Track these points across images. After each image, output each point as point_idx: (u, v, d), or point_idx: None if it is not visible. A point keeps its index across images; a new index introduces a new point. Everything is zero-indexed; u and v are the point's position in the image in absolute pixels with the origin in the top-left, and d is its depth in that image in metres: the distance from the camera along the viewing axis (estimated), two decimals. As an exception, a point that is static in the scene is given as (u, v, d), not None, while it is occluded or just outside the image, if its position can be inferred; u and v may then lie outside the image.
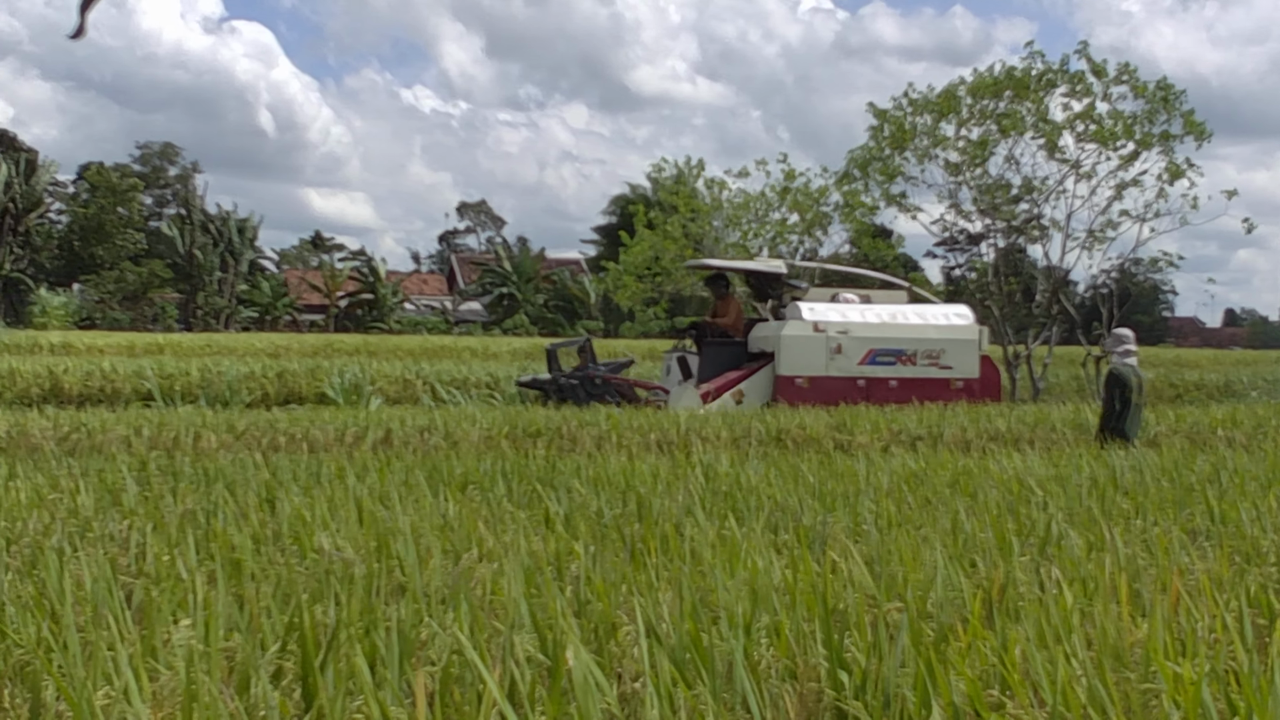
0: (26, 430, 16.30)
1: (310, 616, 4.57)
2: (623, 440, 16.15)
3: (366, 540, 6.94)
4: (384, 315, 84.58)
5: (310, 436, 15.80)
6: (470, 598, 5.23)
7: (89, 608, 5.04)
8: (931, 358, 21.74)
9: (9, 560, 6.48)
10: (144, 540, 6.95)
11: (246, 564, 6.16)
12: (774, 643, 4.58)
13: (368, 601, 5.26)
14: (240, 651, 4.49)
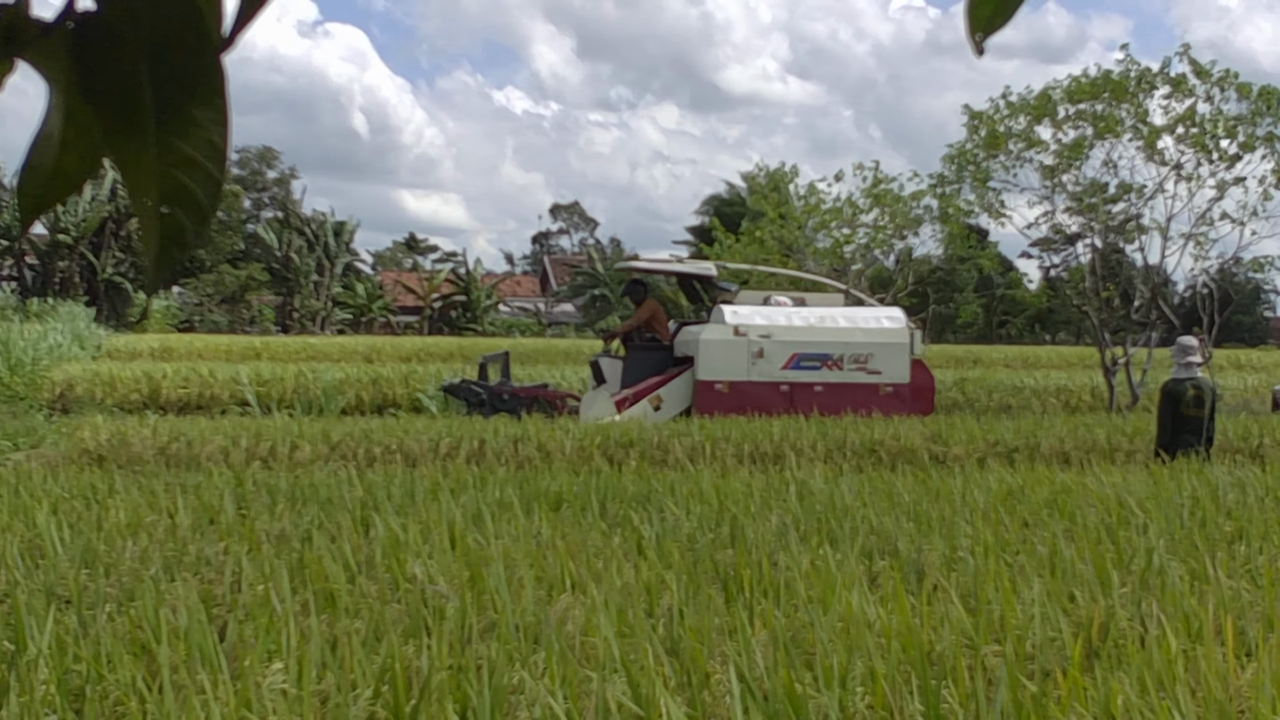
0: (127, 439, 16.53)
1: (401, 660, 4.56)
2: (716, 451, 16.09)
3: (459, 569, 6.93)
4: (478, 317, 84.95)
5: (405, 447, 15.88)
6: (561, 638, 5.20)
7: (183, 647, 5.07)
8: (859, 362, 20.91)
9: (108, 590, 6.54)
10: (239, 568, 6.99)
11: (340, 596, 6.17)
12: (869, 692, 4.51)
13: (460, 639, 5.26)
14: (332, 696, 4.49)
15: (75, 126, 1.04)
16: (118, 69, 1.02)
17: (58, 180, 1.06)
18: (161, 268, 1.06)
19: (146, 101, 1.02)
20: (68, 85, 1.04)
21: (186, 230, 1.05)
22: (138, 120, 1.03)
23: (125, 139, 1.04)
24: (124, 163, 1.04)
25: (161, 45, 1.01)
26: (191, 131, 1.03)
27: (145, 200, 1.03)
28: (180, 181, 1.03)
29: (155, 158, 1.02)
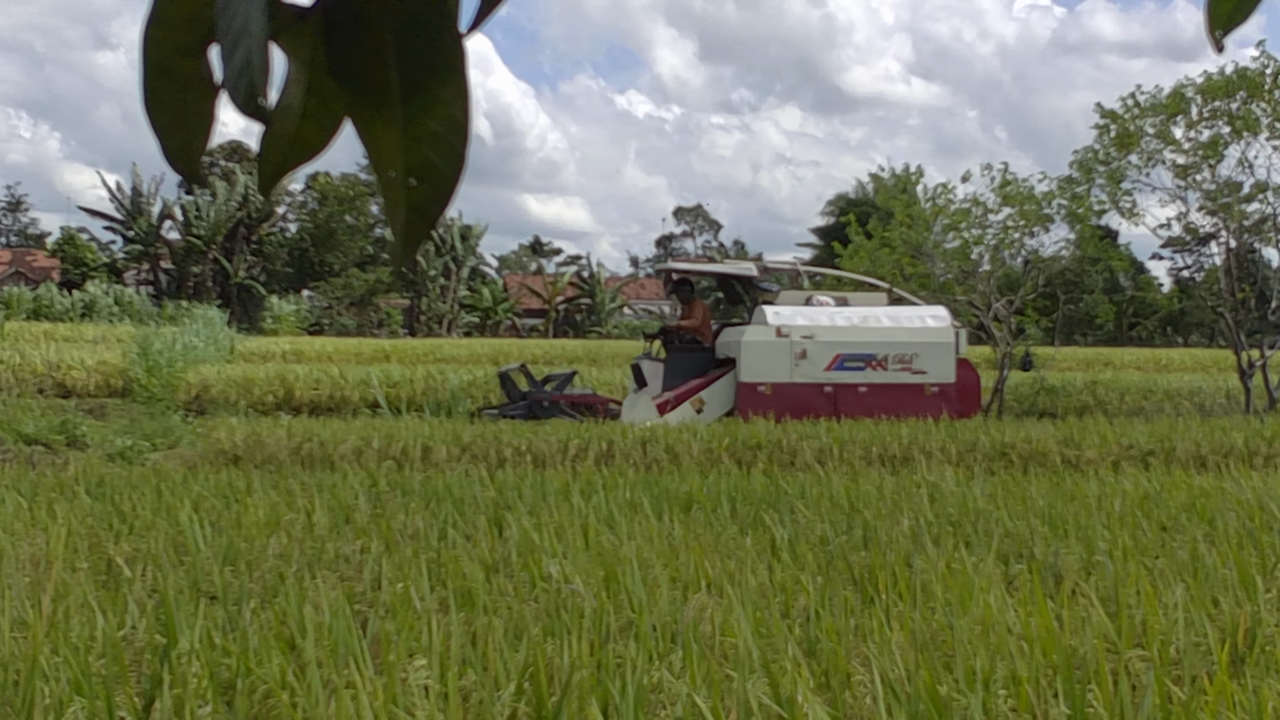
0: (262, 439, 16.80)
1: (543, 658, 4.60)
2: (844, 454, 16.02)
3: (594, 569, 6.97)
4: (602, 320, 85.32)
5: (535, 449, 15.98)
6: (699, 638, 5.22)
7: (328, 642, 5.15)
8: (904, 362, 20.44)
9: (251, 586, 6.67)
10: (378, 567, 7.10)
11: (478, 594, 6.24)
12: (1012, 695, 4.48)
13: (598, 638, 5.29)
14: (475, 692, 4.54)
15: (317, 98, 1.10)
16: (365, 49, 1.08)
17: (297, 147, 1.12)
18: (408, 241, 1.11)
19: (392, 79, 1.08)
20: (313, 62, 1.09)
21: (431, 203, 1.10)
22: (384, 97, 1.08)
23: (371, 114, 1.10)
24: (370, 137, 1.09)
25: (407, 26, 1.07)
26: (435, 108, 1.08)
27: (391, 173, 1.09)
28: (425, 156, 1.08)
29: (401, 133, 1.07)
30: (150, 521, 8.90)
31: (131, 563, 7.31)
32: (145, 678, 4.81)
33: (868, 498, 10.25)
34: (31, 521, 8.79)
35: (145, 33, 1.11)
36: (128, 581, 6.70)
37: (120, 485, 11.01)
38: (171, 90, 1.12)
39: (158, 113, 1.14)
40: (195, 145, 1.15)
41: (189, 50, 1.11)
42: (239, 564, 7.33)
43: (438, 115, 1.09)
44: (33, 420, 21.28)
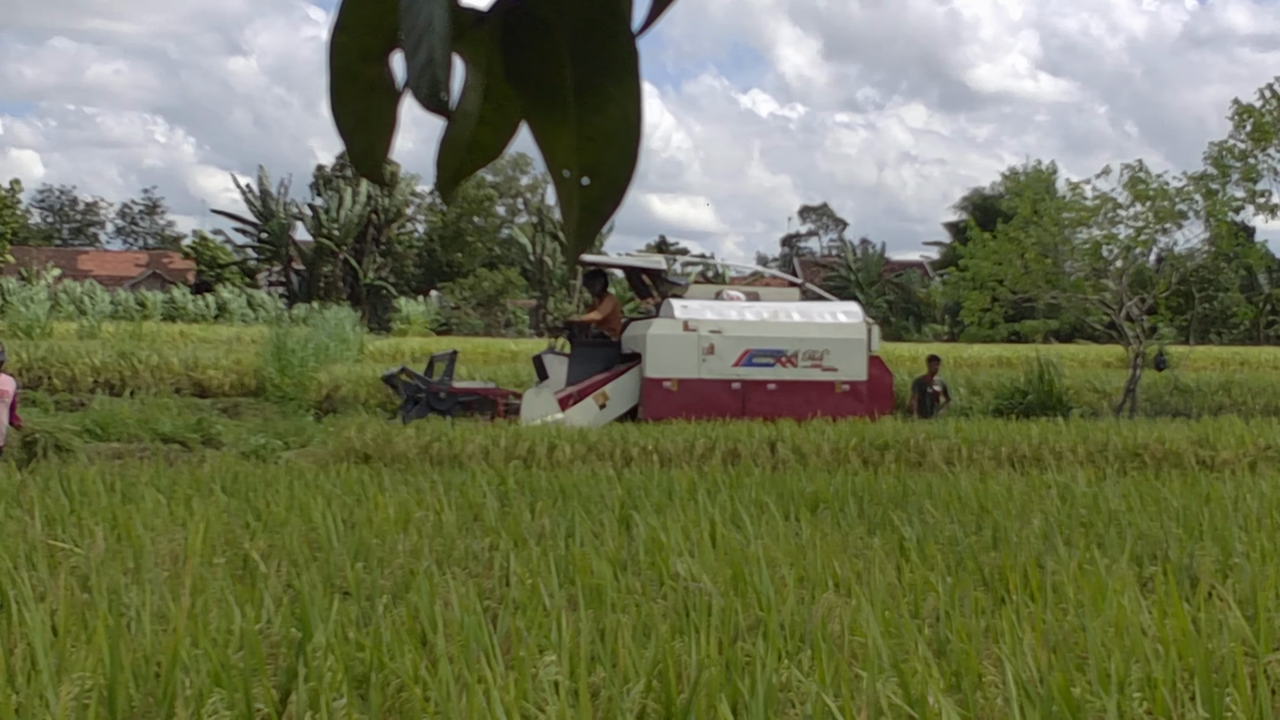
0: (391, 438, 17.02)
1: (672, 655, 4.62)
2: (973, 454, 15.88)
3: (721, 568, 6.98)
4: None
5: (661, 448, 16.02)
6: (828, 637, 5.20)
7: (459, 637, 5.21)
8: (814, 359, 19.82)
9: (382, 582, 6.76)
10: (507, 563, 7.16)
11: (607, 591, 6.27)
12: (1147, 697, 4.42)
13: (727, 636, 5.30)
14: (605, 689, 4.57)
15: (493, 103, 1.13)
16: (541, 52, 1.11)
17: (474, 152, 1.16)
18: (581, 238, 1.15)
19: (567, 81, 1.11)
20: (489, 67, 1.13)
21: (604, 201, 1.13)
22: (559, 98, 1.12)
23: (546, 115, 1.13)
24: (544, 138, 1.13)
25: (582, 29, 1.10)
26: (608, 108, 1.11)
27: (565, 173, 1.12)
28: (598, 155, 1.12)
29: (575, 133, 1.11)
30: (284, 518, 9.05)
31: (266, 558, 7.45)
32: (281, 670, 4.90)
33: (997, 498, 10.15)
34: (170, 518, 8.98)
35: (331, 39, 1.15)
36: (263, 577, 6.82)
37: (255, 483, 11.21)
38: (356, 94, 1.16)
39: (344, 116, 1.17)
40: (379, 148, 1.19)
41: (373, 56, 1.15)
42: (370, 560, 7.43)
43: (611, 115, 1.12)
44: (170, 419, 21.74)
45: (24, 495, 9.95)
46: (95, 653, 4.84)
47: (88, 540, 7.81)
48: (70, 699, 4.43)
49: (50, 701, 4.39)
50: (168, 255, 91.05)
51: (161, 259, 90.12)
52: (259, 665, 4.71)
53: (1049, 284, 28.15)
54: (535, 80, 1.12)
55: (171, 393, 28.98)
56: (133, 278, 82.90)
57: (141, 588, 6.39)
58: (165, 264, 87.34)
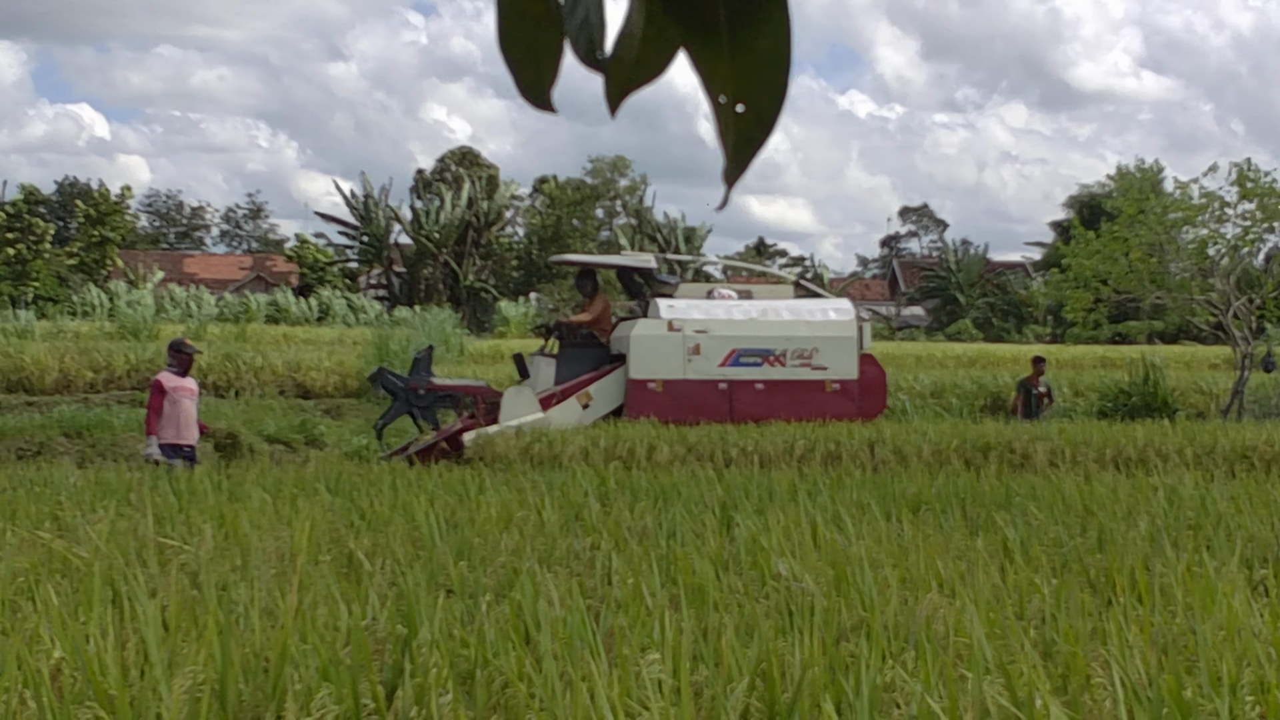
0: (493, 439, 17.15)
1: (775, 655, 4.62)
2: (1077, 456, 15.71)
3: (823, 568, 6.96)
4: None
5: (760, 450, 16.01)
6: (932, 638, 5.18)
7: (562, 635, 5.24)
8: (803, 357, 19.21)
9: (485, 580, 6.81)
10: (609, 563, 7.19)
11: (709, 591, 6.27)
12: (1260, 701, 4.35)
13: (830, 636, 5.29)
14: (708, 688, 4.57)
15: (655, 26, 1.20)
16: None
17: (638, 69, 1.24)
18: (736, 163, 1.21)
19: (721, 14, 1.19)
20: None
21: (757, 127, 1.20)
22: (713, 29, 1.19)
23: (702, 45, 1.20)
24: (701, 65, 1.22)
25: None
26: (759, 40, 1.20)
27: (720, 99, 1.18)
28: (750, 84, 1.19)
29: (729, 62, 1.17)
30: (388, 517, 9.15)
31: (371, 556, 7.53)
32: (387, 666, 4.95)
33: (1102, 500, 10.04)
34: (276, 517, 9.10)
35: None
36: (368, 575, 6.90)
37: (358, 483, 11.33)
38: (523, 29, 1.24)
39: (511, 50, 1.24)
40: (545, 78, 1.26)
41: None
42: (473, 559, 7.49)
43: (762, 47, 1.19)
44: (274, 420, 22.03)
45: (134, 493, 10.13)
46: (206, 647, 4.91)
47: (197, 538, 7.94)
48: (182, 692, 4.50)
49: (163, 695, 4.46)
50: (271, 258, 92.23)
51: (265, 262, 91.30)
52: (366, 661, 4.76)
53: (1154, 284, 27.78)
54: (693, 12, 1.19)
55: (275, 394, 29.36)
56: (237, 280, 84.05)
57: (249, 584, 6.49)
58: (268, 267, 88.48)
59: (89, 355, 29.96)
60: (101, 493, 10.45)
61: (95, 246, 70.38)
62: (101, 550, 7.37)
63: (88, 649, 4.85)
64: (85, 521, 8.52)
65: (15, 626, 5.61)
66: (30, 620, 5.71)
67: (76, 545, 7.66)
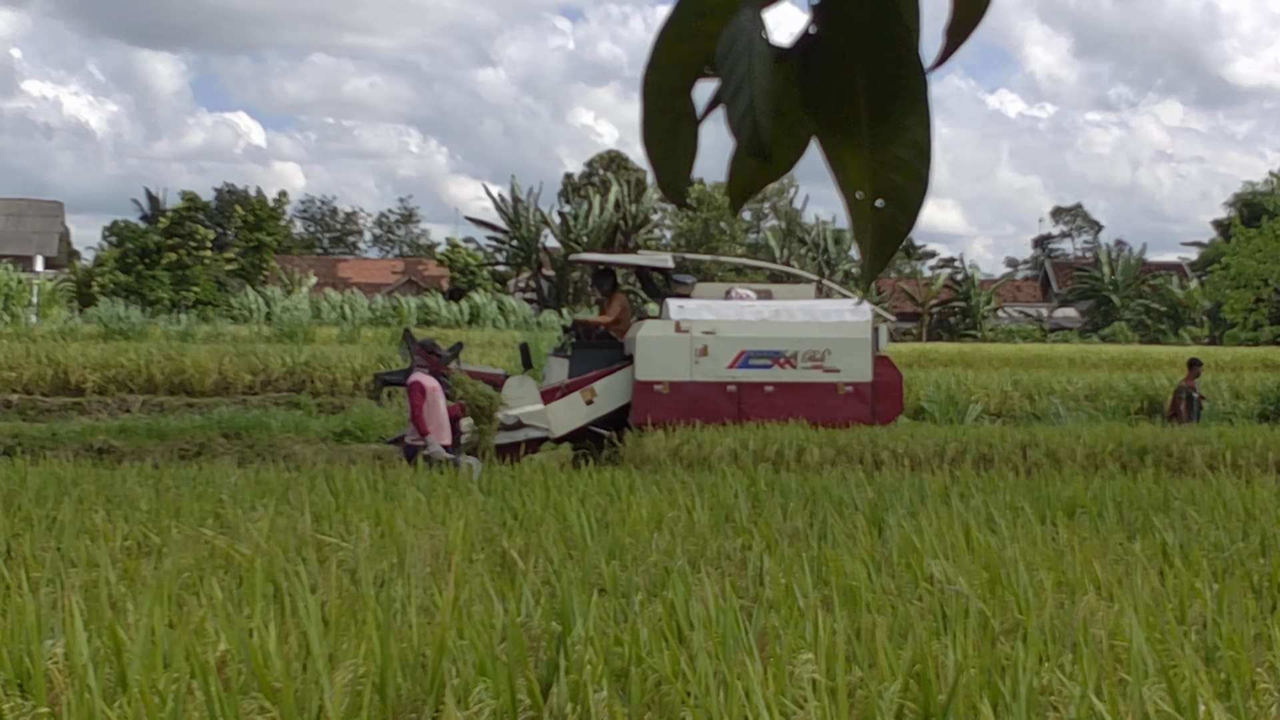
0: (641, 440, 17.24)
1: (929, 656, 4.59)
2: (1238, 460, 15.39)
3: (976, 570, 6.90)
4: (977, 323, 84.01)
5: (911, 452, 15.91)
6: (1090, 641, 5.11)
7: (716, 634, 5.25)
8: (815, 359, 18.54)
9: (637, 580, 6.84)
10: (760, 564, 7.19)
11: (861, 592, 6.25)
12: None
13: (985, 639, 5.24)
14: (861, 688, 4.56)
15: (784, 124, 1.18)
16: (837, 82, 1.18)
17: (764, 169, 1.22)
18: (876, 259, 1.20)
19: (861, 109, 1.17)
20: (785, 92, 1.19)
21: (898, 222, 1.18)
22: (853, 125, 1.18)
23: (840, 140, 1.20)
24: (838, 161, 1.20)
25: (875, 60, 1.17)
26: (900, 135, 1.17)
27: (858, 195, 1.17)
28: (890, 179, 1.17)
29: (868, 158, 1.15)
30: (539, 517, 9.22)
31: (524, 555, 7.60)
32: (542, 663, 5.00)
33: (1265, 504, 9.82)
34: (430, 516, 9.23)
35: (645, 76, 1.23)
36: (522, 573, 6.97)
37: (510, 483, 11.44)
38: (666, 125, 1.24)
39: (654, 145, 1.25)
40: (683, 173, 1.26)
41: (680, 90, 1.23)
42: (625, 558, 7.53)
43: (903, 141, 1.17)
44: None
45: (293, 492, 10.34)
46: (365, 642, 5.01)
47: (354, 536, 8.08)
48: (344, 685, 4.59)
49: (325, 687, 4.55)
50: (422, 263, 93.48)
51: (416, 266, 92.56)
52: (521, 657, 4.81)
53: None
54: (831, 108, 1.18)
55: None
56: (389, 284, 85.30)
57: (405, 581, 6.59)
58: (420, 271, 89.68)
59: (247, 358, 30.59)
60: (261, 491, 10.68)
61: (252, 252, 71.83)
62: (262, 547, 7.54)
63: (251, 642, 4.97)
64: (246, 519, 8.71)
65: (181, 620, 5.76)
66: (195, 614, 5.86)
67: (238, 542, 7.84)
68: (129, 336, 37.09)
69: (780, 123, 1.18)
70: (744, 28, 1.14)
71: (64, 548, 7.68)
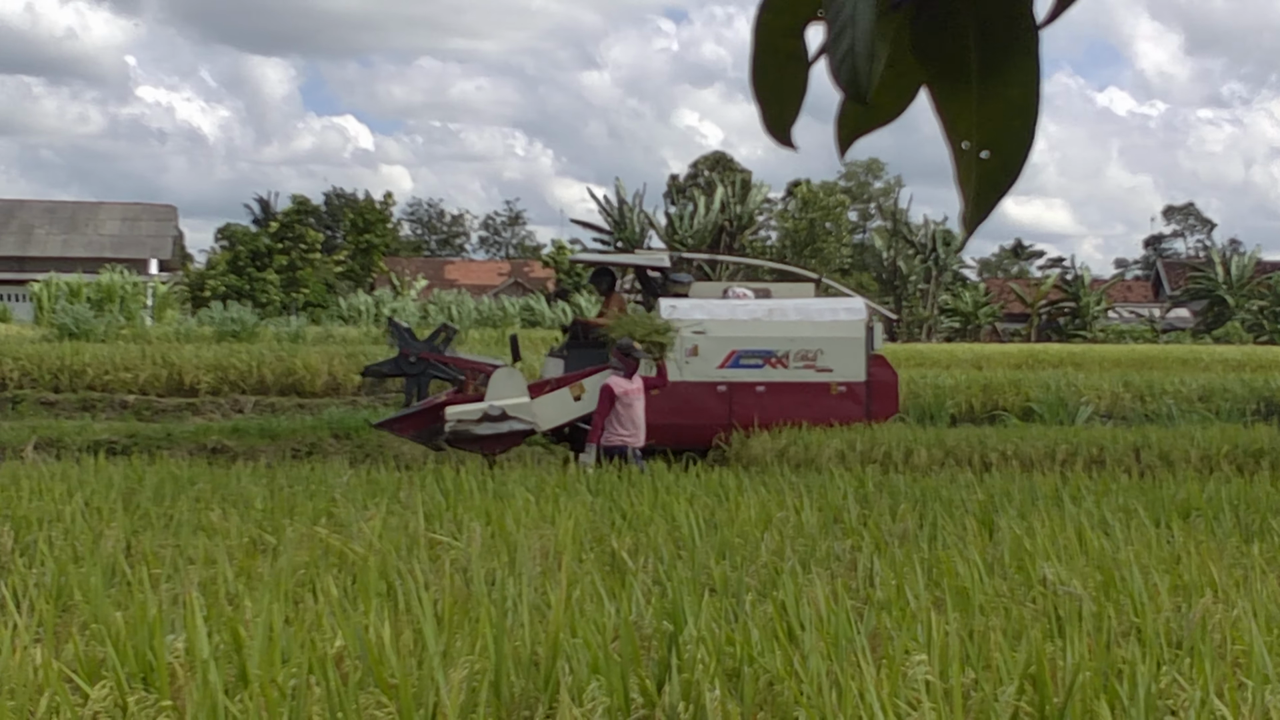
0: (748, 441, 17.24)
1: (1044, 658, 4.56)
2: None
3: (1090, 572, 6.84)
4: (1087, 324, 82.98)
5: (1021, 454, 15.76)
6: (1208, 645, 5.04)
7: (827, 635, 5.25)
8: (807, 359, 18.17)
9: (747, 580, 6.85)
10: (870, 564, 7.17)
11: (974, 594, 6.21)
12: None
13: (1100, 641, 5.19)
14: (975, 690, 4.54)
15: (895, 71, 1.20)
16: (949, 32, 1.19)
17: (872, 113, 1.25)
18: (978, 209, 1.21)
19: (971, 61, 1.19)
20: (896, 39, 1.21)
21: (1001, 174, 1.19)
22: (963, 75, 1.20)
23: (950, 90, 1.21)
24: (946, 110, 1.21)
25: (988, 14, 1.16)
26: (1008, 88, 1.18)
27: (964, 145, 1.18)
28: (997, 130, 1.17)
29: (975, 109, 1.16)
30: (648, 517, 9.26)
31: (633, 555, 7.63)
32: (654, 662, 5.02)
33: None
34: (540, 516, 9.29)
35: (758, 17, 1.23)
36: (632, 573, 7.00)
37: (618, 483, 11.48)
38: (774, 65, 1.25)
39: (761, 85, 1.26)
40: (788, 114, 1.27)
41: (792, 31, 1.24)
42: (734, 558, 7.54)
43: (1010, 95, 1.18)
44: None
45: (406, 492, 10.46)
46: (479, 640, 5.06)
47: (465, 535, 8.16)
48: (460, 682, 4.64)
49: (440, 684, 4.61)
50: (528, 264, 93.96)
51: (522, 268, 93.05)
52: (634, 656, 4.84)
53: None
54: (941, 57, 1.19)
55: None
56: (495, 286, 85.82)
57: (517, 580, 6.64)
58: (526, 272, 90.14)
59: (356, 359, 30.90)
60: (373, 491, 10.81)
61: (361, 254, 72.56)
62: (375, 545, 7.63)
63: (367, 638, 5.04)
64: (359, 518, 8.82)
65: (298, 616, 5.85)
66: (311, 611, 5.95)
67: (351, 540, 7.95)
68: (241, 338, 37.59)
69: (890, 69, 1.20)
70: None
71: (182, 545, 7.82)
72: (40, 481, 10.76)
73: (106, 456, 13.73)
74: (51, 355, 27.83)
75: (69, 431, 20.60)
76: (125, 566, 7.03)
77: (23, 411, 24.58)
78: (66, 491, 10.13)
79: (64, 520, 8.71)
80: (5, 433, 19.94)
